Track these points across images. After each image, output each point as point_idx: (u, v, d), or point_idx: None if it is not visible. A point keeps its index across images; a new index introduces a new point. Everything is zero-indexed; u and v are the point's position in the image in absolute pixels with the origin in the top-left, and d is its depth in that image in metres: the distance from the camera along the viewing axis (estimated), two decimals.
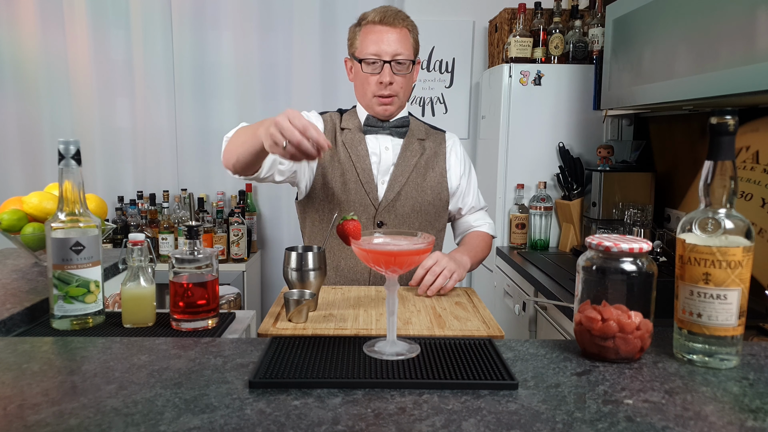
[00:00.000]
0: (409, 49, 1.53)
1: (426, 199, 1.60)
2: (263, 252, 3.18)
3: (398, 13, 1.53)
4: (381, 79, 1.51)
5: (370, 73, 1.52)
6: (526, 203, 2.63)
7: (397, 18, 1.52)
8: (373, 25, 1.52)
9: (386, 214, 1.57)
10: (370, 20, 1.52)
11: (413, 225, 1.59)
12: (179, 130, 3.07)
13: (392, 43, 1.50)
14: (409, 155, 1.60)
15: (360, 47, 1.53)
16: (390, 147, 1.60)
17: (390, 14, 1.51)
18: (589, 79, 2.57)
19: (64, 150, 1.07)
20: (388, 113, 1.57)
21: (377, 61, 1.50)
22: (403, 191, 1.57)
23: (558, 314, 1.91)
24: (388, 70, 1.50)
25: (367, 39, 1.52)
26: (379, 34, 1.50)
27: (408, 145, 1.61)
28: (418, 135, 1.64)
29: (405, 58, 1.52)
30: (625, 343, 0.88)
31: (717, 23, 1.57)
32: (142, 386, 0.80)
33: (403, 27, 1.53)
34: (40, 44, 2.96)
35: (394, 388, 0.80)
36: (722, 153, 0.87)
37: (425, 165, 1.61)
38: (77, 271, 1.08)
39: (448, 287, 1.39)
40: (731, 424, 0.71)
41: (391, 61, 1.50)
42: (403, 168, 1.58)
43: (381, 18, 1.51)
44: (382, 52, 1.50)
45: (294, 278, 1.28)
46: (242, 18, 2.99)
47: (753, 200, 1.86)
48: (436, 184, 1.62)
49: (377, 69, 1.51)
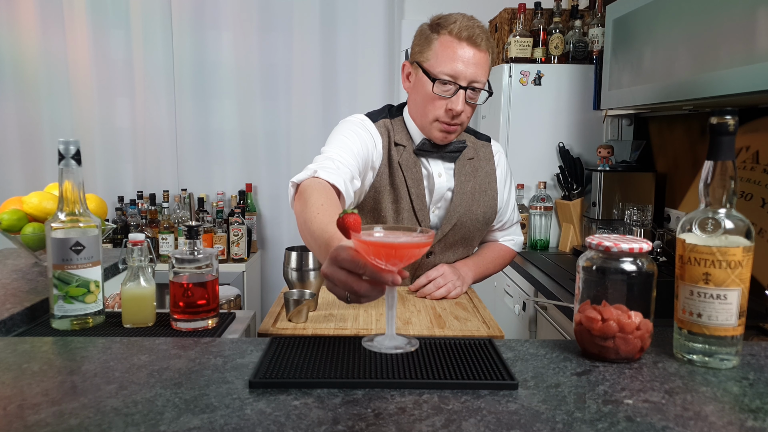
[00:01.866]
0: (486, 76, 1.35)
1: (476, 226, 1.48)
2: (263, 252, 3.18)
3: (485, 31, 1.33)
4: (451, 106, 1.31)
5: (440, 95, 1.32)
6: (526, 203, 2.63)
7: (485, 39, 1.32)
8: (458, 41, 1.30)
9: (437, 245, 1.46)
10: (455, 33, 1.30)
11: (457, 251, 1.49)
12: (179, 130, 3.07)
13: (473, 67, 1.30)
14: (464, 180, 1.45)
15: (434, 61, 1.32)
16: (443, 172, 1.44)
17: (478, 32, 1.31)
18: (589, 79, 2.57)
19: (64, 150, 1.07)
20: (446, 141, 1.40)
21: (453, 84, 1.31)
22: (459, 221, 1.45)
23: (558, 314, 1.91)
24: (462, 97, 1.31)
25: (446, 54, 1.30)
26: (461, 53, 1.30)
27: (461, 168, 1.46)
28: (468, 154, 1.48)
29: (481, 87, 1.34)
30: (625, 343, 0.88)
31: (717, 23, 1.57)
32: (142, 386, 0.80)
33: (487, 50, 1.33)
34: (40, 44, 2.96)
35: (394, 388, 0.80)
36: (722, 153, 0.87)
37: (479, 190, 1.48)
38: (77, 271, 1.08)
39: (446, 297, 1.37)
40: (731, 424, 0.71)
41: (468, 87, 1.31)
42: (461, 197, 1.44)
43: (469, 34, 1.29)
44: (460, 75, 1.30)
45: (294, 278, 1.28)
46: (242, 18, 2.99)
47: (753, 200, 1.86)
48: (488, 209, 1.50)
49: (450, 92, 1.31)
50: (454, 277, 1.39)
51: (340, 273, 0.81)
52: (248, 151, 3.09)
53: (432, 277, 1.38)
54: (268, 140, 3.08)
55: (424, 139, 1.41)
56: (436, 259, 1.47)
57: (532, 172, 2.63)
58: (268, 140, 3.08)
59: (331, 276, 0.82)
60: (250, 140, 3.08)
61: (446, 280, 1.37)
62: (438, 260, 1.47)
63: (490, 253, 1.58)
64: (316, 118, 3.01)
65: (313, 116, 3.01)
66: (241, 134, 3.07)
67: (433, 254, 1.47)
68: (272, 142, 3.09)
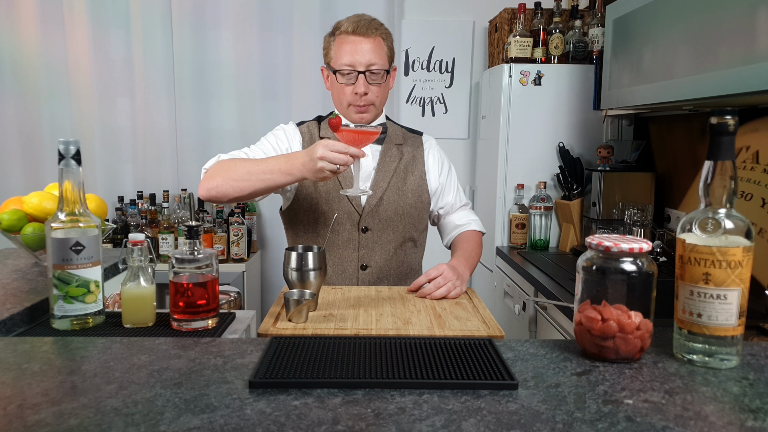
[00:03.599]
0: (383, 58, 1.53)
1: (407, 202, 1.61)
2: (263, 252, 3.18)
3: (372, 21, 1.53)
4: (356, 90, 1.52)
5: (345, 84, 1.53)
6: (526, 203, 2.63)
7: (371, 27, 1.52)
8: (347, 36, 1.52)
9: (370, 219, 1.58)
10: (343, 30, 1.53)
11: (397, 228, 1.60)
12: (179, 130, 3.06)
13: (366, 53, 1.50)
14: (388, 160, 1.62)
15: (335, 57, 1.54)
16: (369, 154, 1.60)
17: (363, 24, 1.51)
18: (589, 79, 2.57)
19: (64, 150, 1.07)
20: (364, 121, 1.57)
21: (352, 72, 1.51)
22: (385, 196, 1.59)
23: (558, 314, 1.91)
24: (363, 80, 1.51)
25: (341, 49, 1.52)
26: (353, 45, 1.51)
27: (386, 150, 1.63)
28: (396, 140, 1.66)
29: (379, 68, 1.52)
30: (625, 343, 0.88)
31: (717, 23, 1.57)
32: (142, 386, 0.80)
33: (377, 36, 1.53)
34: (40, 44, 2.96)
35: (394, 388, 0.80)
36: (722, 153, 0.87)
37: (405, 169, 1.63)
38: (77, 271, 1.08)
39: (446, 297, 1.39)
40: (731, 424, 0.71)
41: (366, 71, 1.51)
42: (384, 174, 1.60)
43: (354, 28, 1.51)
44: (356, 62, 1.50)
45: (294, 278, 1.28)
46: (242, 18, 2.98)
47: (753, 200, 1.86)
48: (417, 186, 1.64)
49: (352, 79, 1.52)
50: (454, 277, 1.39)
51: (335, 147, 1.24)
52: None
53: (432, 277, 1.39)
54: None
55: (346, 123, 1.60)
56: (375, 236, 1.59)
57: (532, 172, 2.63)
58: None
59: (328, 156, 1.23)
60: (250, 140, 3.05)
61: (446, 280, 1.38)
62: (377, 237, 1.59)
63: (465, 243, 1.65)
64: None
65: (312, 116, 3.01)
66: (241, 134, 3.06)
67: (370, 230, 1.58)
68: None
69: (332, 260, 1.59)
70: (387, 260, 1.60)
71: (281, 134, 1.65)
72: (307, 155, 1.28)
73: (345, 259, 1.58)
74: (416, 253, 1.68)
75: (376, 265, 1.59)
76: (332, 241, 1.57)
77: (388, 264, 1.60)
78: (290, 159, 1.34)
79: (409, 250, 1.65)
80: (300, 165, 1.30)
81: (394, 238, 1.60)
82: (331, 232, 1.56)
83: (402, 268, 1.63)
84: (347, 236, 1.58)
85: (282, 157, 1.37)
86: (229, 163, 1.44)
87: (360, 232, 1.58)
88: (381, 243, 1.59)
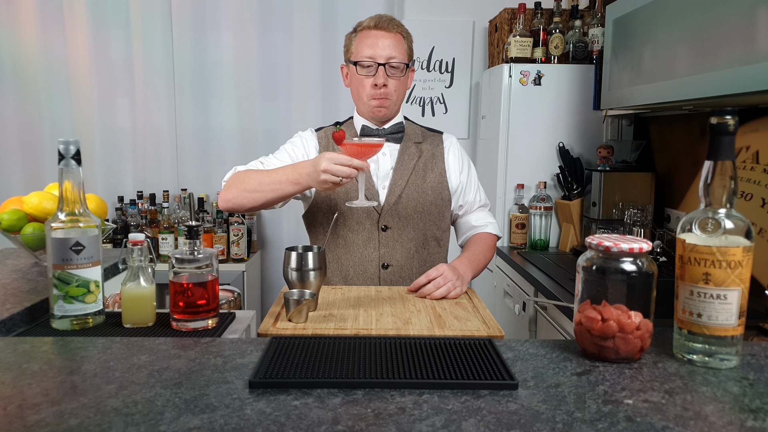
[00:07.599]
0: (403, 54, 1.58)
1: (428, 199, 1.61)
2: (263, 252, 3.18)
3: (393, 20, 1.59)
4: (375, 81, 1.55)
5: (365, 76, 1.56)
6: (526, 203, 2.63)
7: (392, 24, 1.57)
8: (369, 30, 1.57)
9: (389, 218, 1.58)
10: (365, 26, 1.58)
11: (417, 226, 1.60)
12: (179, 130, 3.06)
13: (387, 47, 1.55)
14: (406, 158, 1.63)
15: (356, 51, 1.58)
16: (387, 153, 1.62)
17: (385, 20, 1.57)
18: (589, 79, 2.57)
19: (64, 150, 1.07)
20: (382, 114, 1.59)
21: (372, 64, 1.55)
22: (404, 194, 1.59)
23: (558, 314, 1.91)
24: (383, 72, 1.54)
25: (363, 43, 1.56)
26: (374, 39, 1.55)
27: (405, 149, 1.64)
28: (415, 138, 1.67)
29: (399, 62, 1.56)
30: (625, 343, 0.88)
31: (717, 23, 1.57)
32: (142, 386, 0.80)
33: (398, 33, 1.58)
34: (40, 44, 2.96)
35: (394, 388, 0.80)
36: (722, 153, 0.87)
37: (424, 167, 1.64)
38: (77, 271, 1.08)
39: (446, 297, 1.39)
40: (731, 424, 0.71)
41: (386, 64, 1.54)
42: (402, 172, 1.61)
43: (376, 23, 1.57)
44: (377, 55, 1.54)
45: (294, 278, 1.28)
46: (242, 18, 2.98)
47: (753, 200, 1.86)
48: (437, 184, 1.64)
49: (372, 71, 1.55)
50: (454, 277, 1.39)
51: (338, 160, 1.28)
52: (248, 151, 3.08)
53: (432, 277, 1.39)
54: (268, 140, 3.07)
55: (363, 125, 1.63)
56: (395, 234, 1.58)
57: (532, 172, 2.63)
58: (268, 140, 3.07)
59: (331, 169, 1.27)
60: (250, 140, 3.07)
61: (446, 280, 1.38)
62: (397, 235, 1.59)
63: (475, 245, 1.65)
64: (315, 118, 3.01)
65: (313, 116, 3.01)
66: (241, 134, 3.06)
67: (390, 229, 1.58)
68: (272, 142, 3.07)
69: (352, 260, 1.58)
70: (408, 259, 1.59)
71: (298, 141, 1.68)
72: (312, 166, 1.32)
73: (365, 259, 1.57)
74: (440, 253, 1.66)
75: (397, 263, 1.58)
76: (352, 241, 1.57)
77: (410, 263, 1.59)
78: (297, 169, 1.38)
79: (433, 249, 1.64)
80: (306, 175, 1.35)
81: (414, 236, 1.60)
82: (349, 231, 1.57)
83: (425, 268, 1.58)
84: (367, 235, 1.57)
85: (290, 167, 1.41)
86: (243, 175, 1.50)
87: (380, 230, 1.58)
88: (401, 241, 1.59)
